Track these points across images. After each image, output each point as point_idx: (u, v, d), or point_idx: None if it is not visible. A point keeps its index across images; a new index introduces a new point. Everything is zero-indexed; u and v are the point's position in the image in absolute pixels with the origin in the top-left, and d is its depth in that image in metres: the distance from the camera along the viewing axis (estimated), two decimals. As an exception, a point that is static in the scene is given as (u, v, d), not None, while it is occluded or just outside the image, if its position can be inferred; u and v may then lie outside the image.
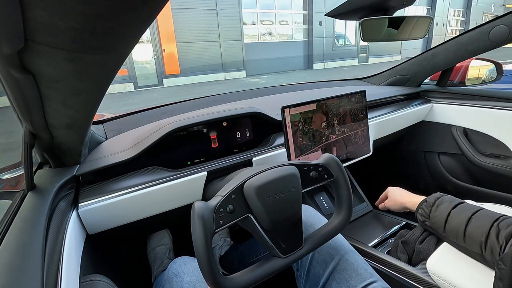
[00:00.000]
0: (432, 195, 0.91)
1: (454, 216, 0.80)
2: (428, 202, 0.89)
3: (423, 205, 0.90)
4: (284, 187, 0.64)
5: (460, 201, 0.85)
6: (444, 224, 0.81)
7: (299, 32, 14.33)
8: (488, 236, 0.70)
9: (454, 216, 0.80)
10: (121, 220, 0.88)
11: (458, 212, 0.80)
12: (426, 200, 0.91)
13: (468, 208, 0.80)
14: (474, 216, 0.76)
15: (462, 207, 0.82)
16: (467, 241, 0.75)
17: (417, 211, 0.92)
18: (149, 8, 0.35)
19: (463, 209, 0.80)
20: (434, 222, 0.85)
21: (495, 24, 1.26)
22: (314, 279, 0.81)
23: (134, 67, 10.49)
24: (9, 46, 0.36)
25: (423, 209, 0.90)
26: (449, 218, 0.81)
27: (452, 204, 0.83)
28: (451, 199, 0.86)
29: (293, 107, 1.05)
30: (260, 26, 13.03)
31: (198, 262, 0.56)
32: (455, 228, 0.78)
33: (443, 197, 0.87)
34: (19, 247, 0.54)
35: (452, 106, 1.61)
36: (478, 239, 0.72)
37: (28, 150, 0.65)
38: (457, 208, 0.81)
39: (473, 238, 0.74)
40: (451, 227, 0.79)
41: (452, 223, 0.79)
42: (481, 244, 0.72)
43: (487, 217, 0.74)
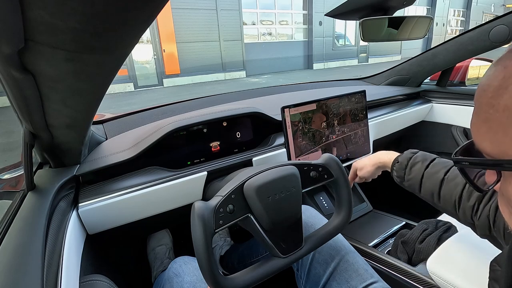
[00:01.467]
0: (403, 154, 0.88)
1: (428, 177, 0.80)
2: (401, 163, 0.87)
3: (396, 166, 0.88)
4: (284, 187, 0.64)
5: (431, 158, 0.84)
6: (420, 186, 0.81)
7: (299, 32, 14.33)
8: (461, 198, 0.72)
9: (428, 177, 0.80)
10: (121, 220, 0.88)
11: (431, 173, 0.79)
12: (398, 160, 0.88)
13: (441, 166, 0.79)
14: (446, 177, 0.76)
15: (434, 165, 0.81)
16: (442, 202, 0.76)
17: (392, 172, 0.91)
18: (149, 8, 0.35)
19: (436, 169, 0.79)
20: (410, 184, 0.84)
21: (495, 24, 1.26)
22: (314, 280, 0.81)
23: (134, 67, 10.49)
24: (9, 46, 0.36)
25: (397, 171, 0.88)
26: (423, 180, 0.80)
27: (425, 164, 0.82)
28: (423, 158, 0.84)
29: (293, 107, 1.05)
30: (260, 26, 13.04)
31: (198, 262, 0.56)
32: (430, 190, 0.79)
33: (415, 156, 0.85)
34: (19, 247, 0.54)
35: (452, 106, 1.61)
36: (452, 199, 0.73)
37: (28, 150, 0.65)
38: (429, 168, 0.81)
39: (447, 199, 0.75)
40: (426, 189, 0.80)
41: (426, 184, 0.79)
42: (455, 203, 0.73)
43: (459, 176, 0.74)
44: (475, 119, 0.38)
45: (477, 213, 0.68)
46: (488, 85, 0.35)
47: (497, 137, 0.34)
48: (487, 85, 0.35)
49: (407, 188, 0.87)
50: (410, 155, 0.86)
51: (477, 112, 0.37)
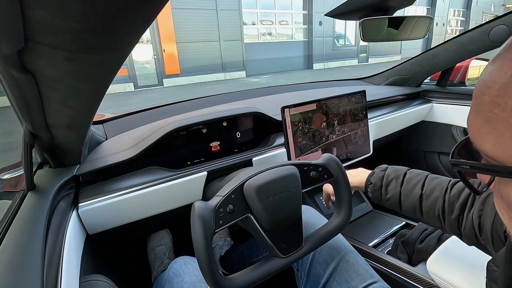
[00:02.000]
0: (374, 174, 0.84)
1: (406, 195, 0.77)
2: (375, 185, 0.83)
3: (370, 188, 0.85)
4: (284, 187, 0.64)
5: (402, 172, 0.81)
6: (399, 205, 0.79)
7: (299, 32, 14.33)
8: (444, 212, 0.70)
9: (406, 195, 0.77)
10: (121, 220, 0.88)
11: (408, 190, 0.77)
12: (370, 181, 0.84)
13: (415, 181, 0.77)
14: (424, 192, 0.74)
15: (408, 181, 0.78)
16: (425, 217, 0.75)
17: (367, 194, 0.87)
18: (149, 8, 0.35)
19: (411, 184, 0.77)
20: (389, 204, 0.81)
21: (495, 24, 1.26)
22: (314, 279, 0.81)
23: (134, 67, 10.49)
24: (9, 46, 0.36)
25: (372, 192, 0.84)
26: (401, 199, 0.78)
27: (399, 181, 0.79)
28: (395, 174, 0.81)
29: (293, 107, 1.05)
30: (260, 26, 13.04)
31: (198, 262, 0.56)
32: (411, 207, 0.77)
33: (386, 174, 0.82)
34: (19, 247, 0.54)
35: (452, 106, 1.61)
36: (436, 214, 0.72)
37: (28, 150, 0.65)
38: (404, 185, 0.78)
39: (430, 215, 0.73)
40: (406, 207, 0.78)
41: (406, 202, 0.77)
42: (439, 218, 0.72)
43: (437, 189, 0.72)
44: (474, 118, 0.34)
45: (462, 223, 0.67)
46: (493, 81, 0.31)
47: (502, 139, 0.31)
48: (491, 82, 0.32)
49: (388, 207, 0.85)
50: (381, 174, 0.83)
51: (477, 110, 0.34)
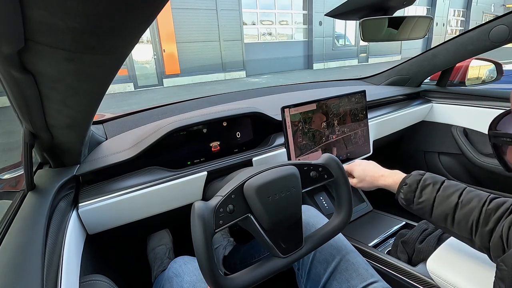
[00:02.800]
0: (411, 176, 0.83)
1: (440, 201, 0.76)
2: (410, 186, 0.81)
3: (404, 189, 0.83)
4: (284, 187, 0.64)
5: (441, 180, 0.79)
6: (431, 210, 0.77)
7: (299, 32, 14.33)
8: (478, 222, 0.69)
9: (440, 201, 0.76)
10: (121, 220, 0.88)
11: (444, 197, 0.76)
12: (406, 183, 0.83)
13: (453, 189, 0.76)
14: (460, 200, 0.73)
15: (445, 188, 0.77)
16: (456, 227, 0.73)
17: (398, 195, 0.85)
18: (149, 8, 0.35)
19: (448, 192, 0.76)
20: (420, 207, 0.80)
21: (495, 24, 1.26)
22: (315, 279, 0.81)
23: (134, 67, 10.49)
24: (9, 46, 0.36)
25: (405, 194, 0.82)
26: (435, 204, 0.77)
27: (436, 187, 0.78)
28: (433, 180, 0.79)
29: (293, 107, 1.05)
30: (260, 26, 13.04)
31: (198, 262, 0.56)
32: (443, 215, 0.75)
33: (424, 178, 0.81)
34: (19, 247, 0.54)
35: (452, 106, 1.61)
36: (468, 225, 0.70)
37: (28, 150, 0.65)
38: (441, 191, 0.77)
39: (462, 225, 0.71)
40: (438, 213, 0.76)
41: (439, 208, 0.76)
42: (471, 229, 0.70)
43: (475, 200, 0.71)
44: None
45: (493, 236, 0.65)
46: None
47: None
48: None
49: (415, 212, 0.83)
50: (419, 177, 0.82)
51: None
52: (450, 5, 19.36)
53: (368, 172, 0.97)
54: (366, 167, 0.99)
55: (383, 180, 0.92)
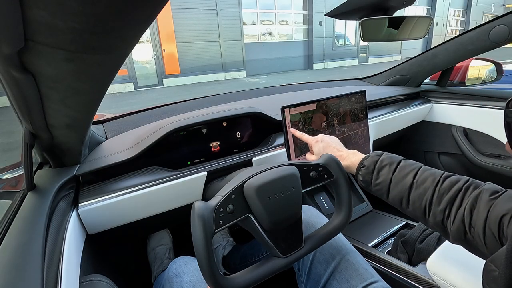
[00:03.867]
0: (369, 158, 0.82)
1: (396, 182, 0.75)
2: (368, 168, 0.80)
3: (362, 171, 0.81)
4: (284, 187, 0.64)
5: (397, 160, 0.79)
6: (388, 191, 0.77)
7: (299, 32, 14.34)
8: (431, 202, 0.68)
9: (396, 182, 0.75)
10: (121, 220, 0.88)
11: (399, 177, 0.75)
12: (364, 164, 0.81)
13: (408, 170, 0.75)
14: (415, 181, 0.72)
15: (401, 169, 0.76)
16: (411, 207, 0.73)
17: (357, 177, 0.83)
18: (149, 8, 0.35)
19: (404, 172, 0.75)
20: (377, 189, 0.79)
21: (495, 24, 1.26)
22: (315, 278, 0.81)
23: (134, 67, 10.49)
24: (9, 46, 0.36)
25: (363, 175, 0.81)
26: (391, 185, 0.76)
27: (392, 167, 0.77)
28: (390, 160, 0.79)
29: (293, 107, 1.05)
30: (260, 26, 13.04)
31: (198, 262, 0.56)
32: (398, 195, 0.75)
33: (381, 159, 0.79)
34: (19, 247, 0.54)
35: (452, 106, 1.61)
36: (422, 205, 0.70)
37: (28, 150, 0.65)
38: (397, 172, 0.76)
39: (416, 205, 0.71)
40: (394, 194, 0.75)
41: (395, 189, 0.75)
42: (425, 209, 0.70)
43: (429, 180, 0.71)
44: None
45: (449, 217, 0.66)
46: None
47: None
48: None
49: (373, 193, 0.82)
50: (376, 158, 0.81)
51: None
52: (450, 5, 19.37)
53: (327, 150, 0.92)
54: (327, 145, 0.93)
55: (341, 161, 0.86)
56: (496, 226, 0.55)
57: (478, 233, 0.59)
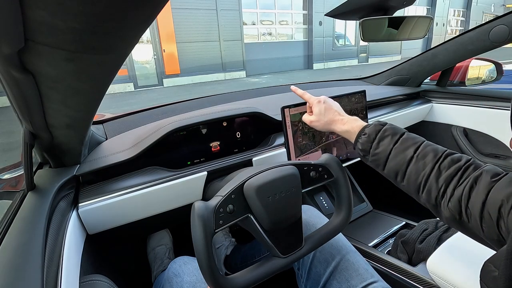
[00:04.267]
0: (371, 126, 0.78)
1: (396, 154, 0.72)
2: (369, 136, 0.76)
3: (362, 138, 0.78)
4: (284, 187, 0.64)
5: (400, 132, 0.75)
6: (385, 162, 0.74)
7: (299, 32, 14.34)
8: (428, 178, 0.66)
9: (396, 154, 0.72)
10: (121, 220, 0.88)
11: (400, 150, 0.72)
12: (365, 132, 0.78)
13: (410, 143, 0.72)
14: (416, 154, 0.70)
15: (403, 141, 0.73)
16: (406, 181, 0.70)
17: (356, 145, 0.80)
18: (149, 8, 0.35)
19: (405, 145, 0.72)
20: (374, 159, 0.76)
21: (495, 24, 1.26)
22: (315, 278, 0.81)
23: (134, 67, 10.49)
24: (9, 46, 0.36)
25: (363, 144, 0.77)
26: (389, 156, 0.73)
27: (394, 138, 0.74)
28: (393, 131, 0.75)
29: (293, 107, 1.05)
30: (260, 26, 13.05)
31: (198, 262, 0.56)
32: (395, 168, 0.72)
33: (384, 129, 0.76)
34: (19, 247, 0.54)
35: (452, 106, 1.61)
36: (418, 179, 0.67)
37: (28, 150, 0.65)
38: (398, 144, 0.73)
39: (412, 179, 0.68)
40: (391, 166, 0.72)
41: (392, 161, 0.72)
42: (420, 185, 0.67)
43: (430, 155, 0.68)
44: None
45: (444, 195, 0.63)
46: None
47: None
48: None
49: (369, 163, 0.79)
50: (379, 127, 0.76)
51: None
52: (450, 5, 19.38)
53: (328, 112, 0.88)
54: (328, 107, 0.89)
55: (341, 125, 0.85)
56: (496, 211, 0.54)
57: (475, 216, 0.57)
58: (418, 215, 1.25)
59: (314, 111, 0.91)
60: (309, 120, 0.93)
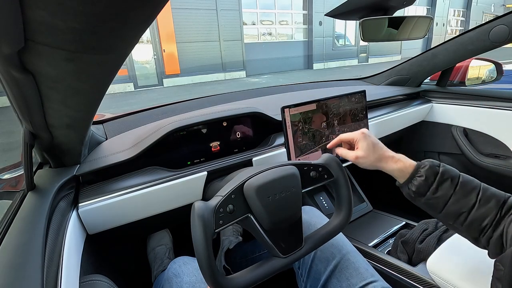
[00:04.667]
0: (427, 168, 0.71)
1: (457, 199, 0.68)
2: (427, 179, 0.71)
3: (417, 180, 0.72)
4: (284, 187, 0.64)
5: (457, 174, 0.71)
6: (443, 207, 0.69)
7: (299, 32, 14.34)
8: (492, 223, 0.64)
9: (457, 199, 0.68)
10: (121, 220, 0.88)
11: (461, 195, 0.68)
12: (421, 174, 0.72)
13: (470, 187, 0.68)
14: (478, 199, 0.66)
15: (463, 185, 0.69)
16: (466, 226, 0.67)
17: (408, 185, 0.74)
18: (149, 8, 0.35)
19: (466, 190, 0.68)
20: (431, 203, 0.71)
21: (495, 24, 1.26)
22: (315, 277, 0.82)
23: (134, 67, 10.49)
24: (9, 46, 0.36)
25: (418, 186, 0.71)
26: (450, 201, 0.68)
27: (454, 182, 0.69)
28: (451, 175, 0.70)
29: (293, 107, 1.05)
30: (260, 26, 13.04)
31: (198, 262, 0.56)
32: (455, 213, 0.68)
33: (442, 172, 0.70)
34: (19, 247, 0.54)
35: (452, 106, 1.61)
36: (482, 225, 0.65)
37: (28, 150, 0.65)
38: (459, 188, 0.68)
39: (475, 224, 0.65)
40: (450, 212, 0.69)
41: (452, 207, 0.68)
42: (483, 230, 0.65)
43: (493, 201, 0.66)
44: None
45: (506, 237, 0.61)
46: None
47: None
48: None
49: (420, 205, 0.74)
50: (436, 169, 0.71)
51: None
52: (450, 5, 19.38)
53: (377, 148, 0.80)
54: (375, 141, 0.81)
55: (393, 163, 0.77)
56: None
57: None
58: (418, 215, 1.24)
59: (361, 146, 0.81)
60: (355, 156, 0.82)
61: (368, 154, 0.80)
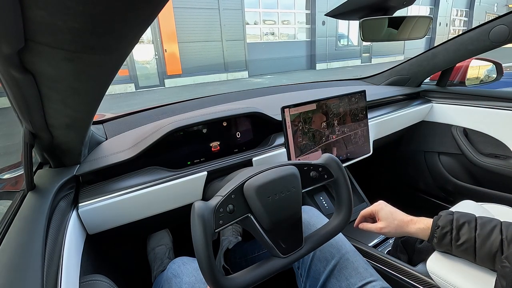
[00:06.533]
0: (441, 218, 0.77)
1: (483, 241, 0.70)
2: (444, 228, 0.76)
3: (437, 232, 0.77)
4: (284, 187, 0.64)
5: (473, 217, 0.75)
6: (474, 251, 0.72)
7: (302, 32, 14.31)
8: None
9: (483, 241, 0.70)
10: (121, 220, 0.88)
11: (484, 236, 0.70)
12: (438, 225, 0.77)
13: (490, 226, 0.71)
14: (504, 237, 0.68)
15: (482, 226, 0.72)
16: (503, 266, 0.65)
17: (432, 240, 0.79)
18: (149, 7, 0.35)
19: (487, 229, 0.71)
20: (462, 250, 0.74)
21: (495, 24, 1.26)
22: (315, 276, 0.82)
23: (135, 67, 10.47)
24: (9, 46, 0.36)
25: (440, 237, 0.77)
26: (477, 244, 0.71)
27: (472, 225, 0.73)
28: (466, 218, 0.74)
29: (293, 107, 1.05)
30: (262, 26, 13.02)
31: (198, 262, 0.56)
32: (489, 254, 0.69)
33: (456, 218, 0.75)
34: (19, 247, 0.55)
35: (452, 106, 1.61)
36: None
37: (28, 150, 0.66)
38: (479, 230, 0.71)
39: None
40: (484, 254, 0.70)
41: (483, 249, 0.70)
42: None
43: None
44: None
45: None
46: None
47: None
48: None
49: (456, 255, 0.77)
50: (450, 217, 0.76)
51: None
52: (453, 5, 19.33)
53: (397, 216, 0.87)
54: (393, 210, 0.89)
55: (413, 224, 0.83)
56: None
57: None
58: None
59: (381, 216, 0.88)
60: (378, 227, 0.88)
61: (389, 222, 0.87)
